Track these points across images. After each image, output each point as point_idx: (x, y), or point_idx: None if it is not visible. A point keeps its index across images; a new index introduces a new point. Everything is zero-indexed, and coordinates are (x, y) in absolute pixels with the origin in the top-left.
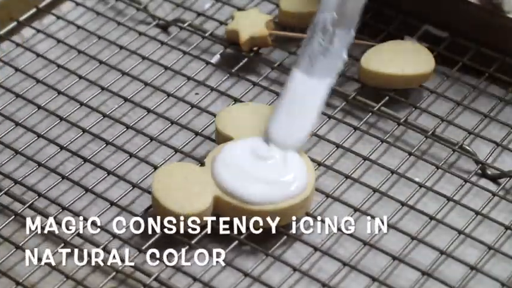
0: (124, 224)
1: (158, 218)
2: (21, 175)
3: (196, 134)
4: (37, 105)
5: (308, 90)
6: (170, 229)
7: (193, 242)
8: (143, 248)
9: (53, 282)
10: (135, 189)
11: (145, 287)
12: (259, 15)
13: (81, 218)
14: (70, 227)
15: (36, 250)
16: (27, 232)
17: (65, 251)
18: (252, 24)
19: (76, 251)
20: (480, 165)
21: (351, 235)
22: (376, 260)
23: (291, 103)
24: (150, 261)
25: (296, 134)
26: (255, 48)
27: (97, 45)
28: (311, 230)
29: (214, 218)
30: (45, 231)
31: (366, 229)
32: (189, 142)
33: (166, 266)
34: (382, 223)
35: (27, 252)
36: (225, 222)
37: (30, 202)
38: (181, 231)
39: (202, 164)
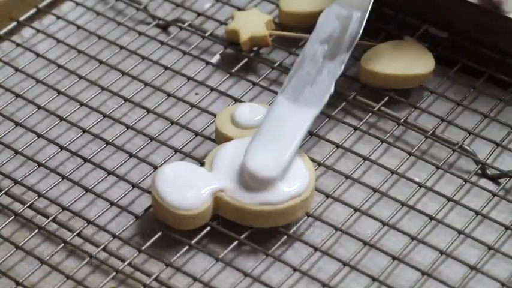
0: (124, 224)
1: (158, 218)
2: (21, 175)
3: (196, 134)
4: (37, 105)
5: (291, 118)
6: (170, 229)
7: (193, 242)
8: (143, 248)
9: (53, 282)
10: (135, 189)
11: (145, 287)
12: (259, 15)
13: (81, 218)
14: (70, 227)
15: (36, 250)
16: (27, 232)
17: (65, 251)
18: (252, 24)
19: (76, 251)
20: (480, 165)
21: (351, 235)
22: (376, 260)
23: (272, 130)
24: (150, 261)
25: (272, 163)
26: (255, 48)
27: (97, 45)
28: (311, 230)
29: (214, 218)
30: (45, 231)
31: (366, 229)
32: (189, 142)
33: (166, 266)
34: (382, 223)
35: (27, 252)
36: (225, 222)
37: (30, 202)
38: (181, 231)
39: (202, 164)
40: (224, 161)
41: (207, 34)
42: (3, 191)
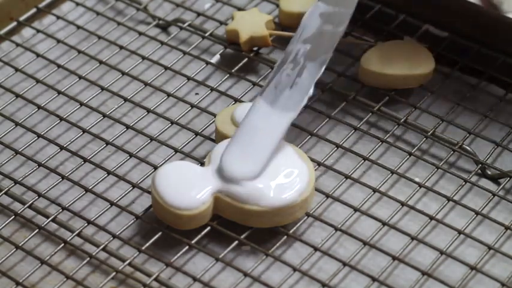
0: (124, 224)
1: (158, 218)
2: (21, 175)
3: (196, 134)
4: (37, 105)
5: (269, 122)
6: (170, 229)
7: (193, 242)
8: (143, 248)
9: (53, 282)
10: (135, 189)
11: (145, 287)
12: (259, 15)
13: (81, 218)
14: (70, 227)
15: (36, 250)
16: (27, 232)
17: (65, 251)
18: (252, 24)
19: (76, 251)
20: (480, 165)
21: (351, 235)
22: (376, 260)
23: (249, 133)
24: (150, 261)
25: (249, 167)
26: (255, 48)
27: (97, 45)
28: (311, 230)
29: (214, 218)
30: (45, 231)
31: (366, 229)
32: (189, 142)
33: (167, 266)
34: (382, 223)
35: (27, 252)
36: (225, 222)
37: (30, 202)
38: (181, 231)
39: (202, 164)
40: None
41: (207, 34)
42: (3, 191)
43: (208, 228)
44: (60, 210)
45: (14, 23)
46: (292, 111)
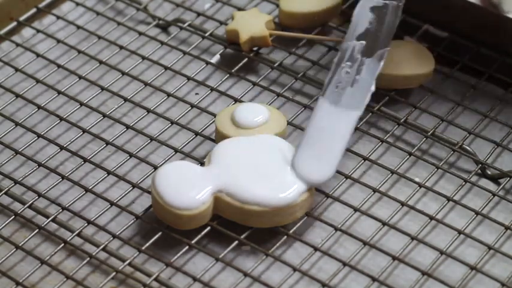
0: (124, 224)
1: (158, 218)
2: (21, 175)
3: (196, 134)
4: (37, 105)
5: (335, 122)
6: (170, 229)
7: (193, 242)
8: (143, 248)
9: (53, 282)
10: (135, 189)
11: (146, 287)
12: (259, 15)
13: (81, 218)
14: (70, 227)
15: (36, 250)
16: (27, 232)
17: (65, 251)
18: (252, 24)
19: (76, 251)
20: (480, 165)
21: (351, 235)
22: (376, 260)
23: (317, 135)
24: (150, 261)
25: (323, 170)
26: (255, 48)
27: (97, 45)
28: (311, 230)
29: (214, 218)
30: (45, 231)
31: (366, 229)
32: (189, 142)
33: (167, 266)
34: (382, 223)
35: (27, 252)
36: (225, 222)
37: (30, 202)
38: (181, 231)
39: (202, 164)
40: (224, 160)
41: (207, 34)
42: (3, 191)
43: (208, 228)
44: (60, 210)
45: (14, 23)
46: (357, 109)
